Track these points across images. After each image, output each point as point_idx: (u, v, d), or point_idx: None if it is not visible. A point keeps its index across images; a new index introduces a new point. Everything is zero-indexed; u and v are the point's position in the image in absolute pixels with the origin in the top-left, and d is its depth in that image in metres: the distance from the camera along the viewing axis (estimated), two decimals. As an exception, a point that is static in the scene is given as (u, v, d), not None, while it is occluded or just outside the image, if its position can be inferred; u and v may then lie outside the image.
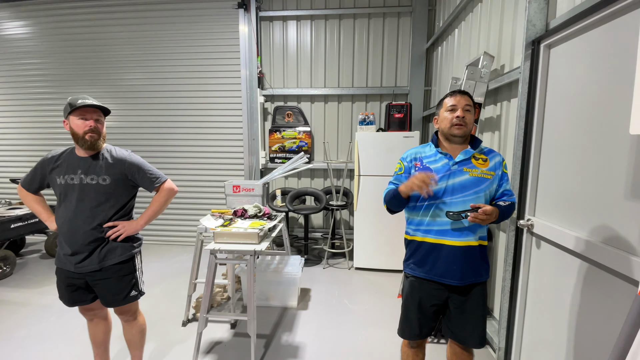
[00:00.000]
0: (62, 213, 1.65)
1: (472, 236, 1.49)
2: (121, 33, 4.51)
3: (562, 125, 1.67)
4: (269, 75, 4.72)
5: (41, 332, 2.55)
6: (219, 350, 2.35)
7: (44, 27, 4.63)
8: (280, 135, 4.73)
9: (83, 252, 1.64)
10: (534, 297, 1.90)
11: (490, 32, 2.64)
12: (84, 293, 1.73)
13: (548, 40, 1.76)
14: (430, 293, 1.57)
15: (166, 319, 2.74)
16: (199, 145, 4.63)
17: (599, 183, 1.41)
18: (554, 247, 1.70)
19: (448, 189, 1.49)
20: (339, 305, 3.01)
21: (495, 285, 2.51)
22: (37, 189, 1.76)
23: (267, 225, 2.26)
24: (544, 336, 1.78)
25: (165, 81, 4.54)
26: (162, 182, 1.82)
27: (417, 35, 4.36)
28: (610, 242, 1.34)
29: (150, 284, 3.31)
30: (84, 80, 4.65)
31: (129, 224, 1.73)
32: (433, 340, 2.46)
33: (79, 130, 1.60)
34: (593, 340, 1.43)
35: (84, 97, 1.62)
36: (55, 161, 1.67)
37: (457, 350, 1.66)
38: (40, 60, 4.68)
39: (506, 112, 2.40)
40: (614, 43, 1.35)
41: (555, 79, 1.74)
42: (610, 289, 1.34)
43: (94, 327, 1.89)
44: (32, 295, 3.16)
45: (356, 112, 4.65)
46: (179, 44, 4.46)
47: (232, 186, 2.84)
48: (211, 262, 2.13)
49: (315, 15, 4.50)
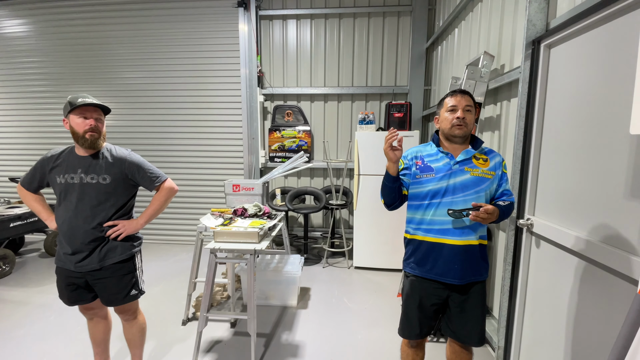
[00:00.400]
0: (62, 212, 1.65)
1: (473, 235, 1.50)
2: (121, 32, 4.50)
3: (562, 125, 1.67)
4: (269, 74, 4.71)
5: (41, 331, 2.55)
6: (219, 349, 2.35)
7: (43, 26, 4.62)
8: (280, 134, 4.72)
9: (83, 251, 1.64)
10: (533, 296, 1.90)
11: (491, 32, 2.64)
12: (84, 292, 1.73)
13: (548, 40, 1.76)
14: (431, 292, 1.57)
15: (166, 318, 2.74)
16: (198, 144, 4.63)
17: (598, 183, 1.41)
18: (554, 247, 1.71)
19: (449, 188, 1.50)
20: (338, 305, 3.01)
21: (495, 284, 2.51)
22: (37, 188, 1.75)
23: (267, 225, 2.26)
24: (544, 335, 1.78)
25: (164, 80, 4.54)
26: (163, 181, 1.83)
27: (417, 35, 4.36)
28: (609, 241, 1.34)
29: (150, 283, 3.31)
30: (83, 79, 4.64)
31: (129, 223, 1.73)
32: (432, 339, 2.46)
33: (79, 129, 1.60)
34: (592, 339, 1.43)
35: (84, 95, 1.62)
36: (55, 160, 1.67)
37: (457, 349, 1.67)
38: (40, 58, 4.67)
39: (506, 111, 2.41)
40: (614, 43, 1.36)
41: (555, 79, 1.75)
42: (609, 288, 1.34)
43: (94, 326, 1.90)
44: (32, 294, 3.16)
45: (356, 111, 4.65)
46: (179, 43, 4.45)
47: (232, 185, 2.85)
48: (211, 261, 2.13)
49: (315, 14, 4.50)
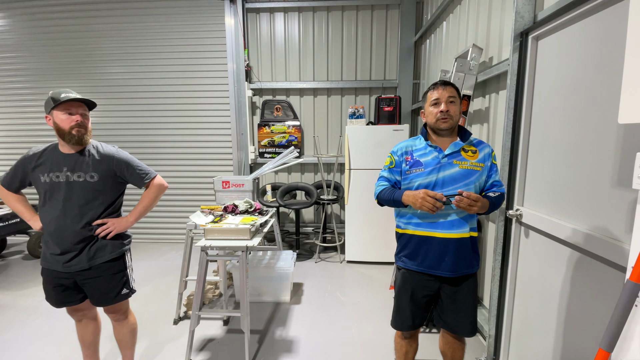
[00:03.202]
0: (47, 212, 1.60)
1: (463, 228, 1.50)
2: (103, 25, 4.36)
3: (550, 116, 1.69)
4: (257, 68, 4.64)
5: (27, 335, 2.48)
6: (212, 348, 2.33)
7: (20, 20, 4.43)
8: (269, 129, 4.68)
9: (72, 251, 1.59)
10: (523, 285, 1.94)
11: (479, 25, 2.65)
12: (73, 293, 1.69)
13: (536, 32, 1.77)
14: (422, 284, 1.58)
15: (157, 318, 2.70)
16: (186, 140, 4.54)
17: (586, 173, 1.44)
18: (542, 236, 1.74)
19: (438, 182, 1.50)
20: (331, 299, 3.03)
21: (485, 274, 2.56)
22: (18, 188, 1.69)
23: (258, 221, 2.24)
24: (533, 323, 1.82)
25: (150, 75, 4.42)
26: (152, 178, 1.79)
27: (406, 28, 4.35)
28: (597, 230, 1.37)
29: (140, 283, 3.25)
30: (65, 74, 4.48)
31: (118, 221, 1.69)
32: (425, 329, 2.50)
33: (64, 126, 1.54)
34: (581, 326, 1.47)
35: (66, 90, 1.56)
36: (37, 159, 1.61)
37: (449, 340, 1.70)
38: (17, 54, 4.49)
39: (495, 104, 2.43)
40: (601, 34, 1.37)
41: (543, 71, 1.77)
42: (598, 276, 1.38)
43: (83, 328, 1.85)
44: (16, 297, 3.06)
45: (346, 105, 4.63)
46: (164, 37, 4.34)
47: (221, 182, 2.81)
48: (202, 259, 2.10)
49: (302, 7, 4.44)
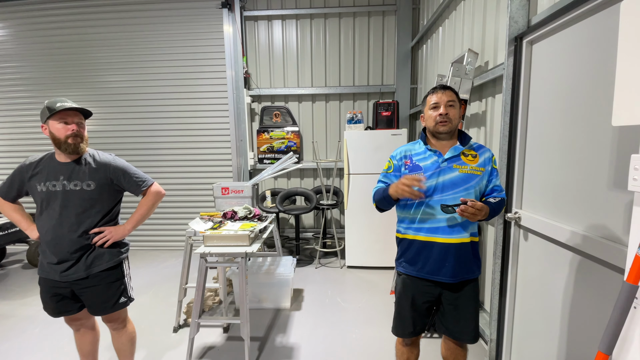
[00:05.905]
0: (44, 221, 1.59)
1: (463, 233, 1.49)
2: (101, 34, 4.39)
3: (546, 119, 1.70)
4: (255, 75, 4.68)
5: (26, 345, 2.46)
6: (212, 355, 2.31)
7: (20, 29, 4.47)
8: (268, 135, 4.69)
9: (69, 260, 1.59)
10: (523, 288, 1.94)
11: (474, 30, 2.68)
12: (70, 302, 1.68)
13: (530, 37, 1.79)
14: (423, 290, 1.57)
15: (156, 326, 2.68)
16: (185, 147, 4.55)
17: (583, 175, 1.44)
18: (541, 239, 1.74)
19: (438, 187, 1.49)
20: (332, 305, 3.01)
21: (485, 278, 2.55)
22: (15, 197, 1.69)
23: (257, 227, 2.23)
24: (534, 326, 1.81)
25: (148, 83, 4.44)
26: (149, 186, 1.79)
27: (402, 34, 4.39)
28: (595, 232, 1.37)
29: (139, 291, 3.24)
30: (63, 83, 4.51)
31: (115, 229, 1.69)
32: (426, 335, 2.48)
33: (60, 135, 1.55)
34: (582, 328, 1.46)
35: (62, 100, 1.56)
36: (34, 168, 1.61)
37: (451, 346, 1.68)
38: (17, 63, 4.52)
39: (491, 107, 2.44)
40: (594, 38, 1.39)
41: (538, 74, 1.78)
42: (598, 278, 1.37)
43: (81, 338, 1.84)
44: (15, 306, 3.04)
45: (344, 111, 4.65)
46: (162, 45, 4.37)
47: (220, 188, 2.81)
48: (202, 266, 2.10)
49: (300, 14, 4.48)
